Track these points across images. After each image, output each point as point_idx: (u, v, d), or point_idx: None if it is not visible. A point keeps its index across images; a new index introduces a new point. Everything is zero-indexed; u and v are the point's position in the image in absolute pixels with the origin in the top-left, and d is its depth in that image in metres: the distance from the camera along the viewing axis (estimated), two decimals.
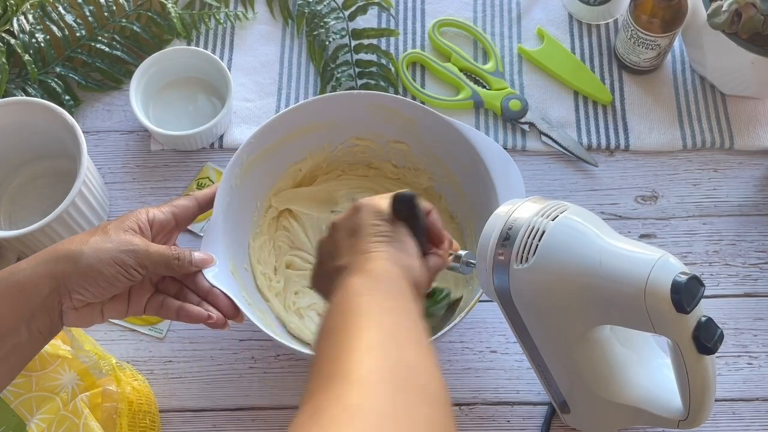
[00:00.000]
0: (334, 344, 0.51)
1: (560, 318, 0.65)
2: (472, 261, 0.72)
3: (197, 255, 0.73)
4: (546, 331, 0.67)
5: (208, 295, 0.73)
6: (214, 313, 0.72)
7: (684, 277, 0.60)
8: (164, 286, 0.73)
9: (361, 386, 0.45)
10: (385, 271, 0.60)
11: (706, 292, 0.86)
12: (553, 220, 0.64)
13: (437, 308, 0.75)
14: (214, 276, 0.75)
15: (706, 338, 0.62)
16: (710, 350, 0.63)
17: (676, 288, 0.60)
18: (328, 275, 0.65)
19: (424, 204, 0.69)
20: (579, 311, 0.64)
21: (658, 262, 0.61)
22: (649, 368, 0.72)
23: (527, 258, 0.63)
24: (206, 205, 0.77)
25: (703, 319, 0.63)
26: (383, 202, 0.67)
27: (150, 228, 0.71)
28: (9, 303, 0.64)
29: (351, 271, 0.60)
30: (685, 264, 0.87)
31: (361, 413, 0.43)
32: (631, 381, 0.70)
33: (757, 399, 0.83)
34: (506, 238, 0.65)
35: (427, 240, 0.69)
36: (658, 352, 0.74)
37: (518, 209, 0.66)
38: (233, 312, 0.73)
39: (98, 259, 0.65)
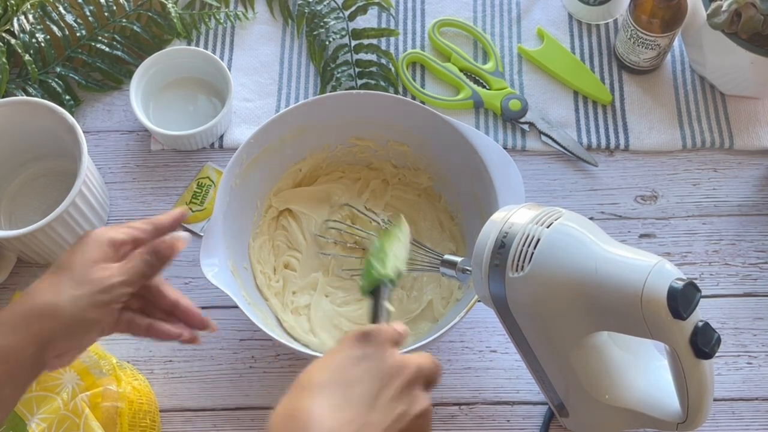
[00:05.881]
0: None
1: (557, 325, 0.65)
2: (468, 268, 0.72)
3: (167, 238, 0.67)
4: (543, 338, 0.67)
5: (176, 309, 0.70)
6: (186, 331, 0.69)
7: (680, 284, 0.60)
8: (128, 302, 0.67)
9: None
10: None
11: (706, 292, 0.87)
12: (548, 227, 0.64)
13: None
14: (214, 275, 0.75)
15: (704, 343, 0.62)
16: (708, 354, 0.63)
17: (673, 294, 0.60)
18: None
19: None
20: (576, 318, 0.64)
21: (654, 269, 0.61)
22: (646, 371, 0.72)
23: (522, 266, 0.63)
24: (164, 230, 0.70)
25: (700, 324, 0.62)
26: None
27: (112, 249, 0.66)
28: None
29: None
30: (685, 264, 0.88)
31: None
32: (628, 384, 0.70)
33: (756, 399, 0.83)
34: (501, 246, 0.64)
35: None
36: (656, 354, 0.74)
37: (513, 216, 0.66)
38: (203, 324, 0.70)
39: (78, 307, 0.62)
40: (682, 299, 0.60)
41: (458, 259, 0.73)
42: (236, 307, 0.75)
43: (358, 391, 0.52)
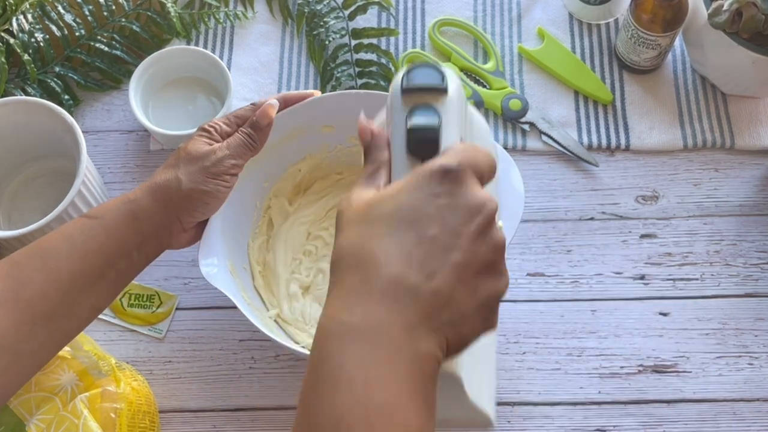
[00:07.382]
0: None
1: None
2: None
3: (261, 112, 0.76)
4: None
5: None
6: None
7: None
8: None
9: None
10: None
11: (707, 293, 0.87)
12: None
13: None
14: (213, 276, 0.75)
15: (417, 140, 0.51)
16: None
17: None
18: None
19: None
20: None
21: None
22: None
23: None
24: (290, 102, 0.80)
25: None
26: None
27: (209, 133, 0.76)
28: (125, 230, 0.69)
29: None
30: (686, 264, 0.88)
31: None
32: None
33: (758, 399, 0.83)
34: None
35: None
36: None
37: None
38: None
39: (194, 181, 0.71)
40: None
41: None
42: (235, 307, 0.75)
43: (434, 230, 0.45)
